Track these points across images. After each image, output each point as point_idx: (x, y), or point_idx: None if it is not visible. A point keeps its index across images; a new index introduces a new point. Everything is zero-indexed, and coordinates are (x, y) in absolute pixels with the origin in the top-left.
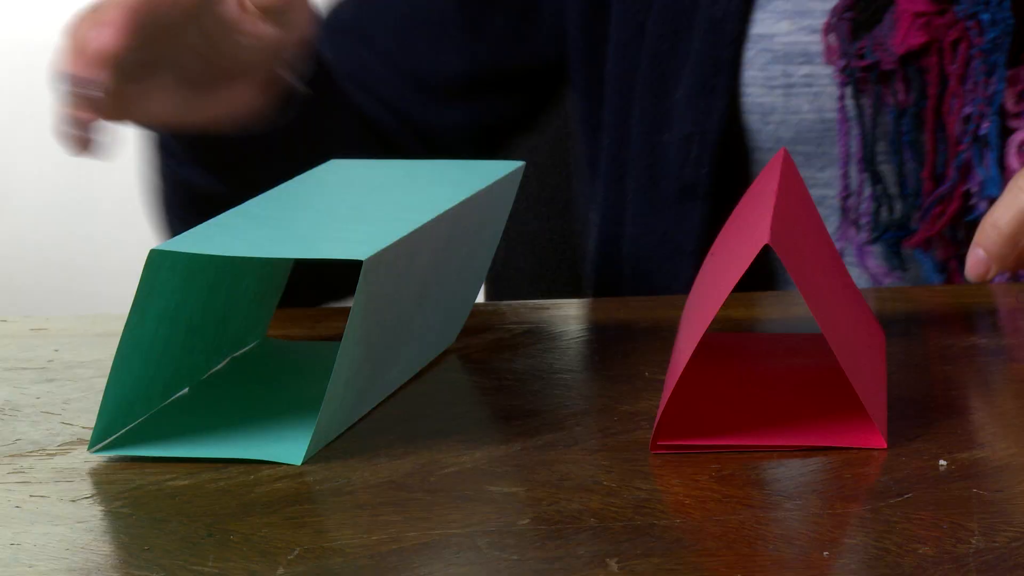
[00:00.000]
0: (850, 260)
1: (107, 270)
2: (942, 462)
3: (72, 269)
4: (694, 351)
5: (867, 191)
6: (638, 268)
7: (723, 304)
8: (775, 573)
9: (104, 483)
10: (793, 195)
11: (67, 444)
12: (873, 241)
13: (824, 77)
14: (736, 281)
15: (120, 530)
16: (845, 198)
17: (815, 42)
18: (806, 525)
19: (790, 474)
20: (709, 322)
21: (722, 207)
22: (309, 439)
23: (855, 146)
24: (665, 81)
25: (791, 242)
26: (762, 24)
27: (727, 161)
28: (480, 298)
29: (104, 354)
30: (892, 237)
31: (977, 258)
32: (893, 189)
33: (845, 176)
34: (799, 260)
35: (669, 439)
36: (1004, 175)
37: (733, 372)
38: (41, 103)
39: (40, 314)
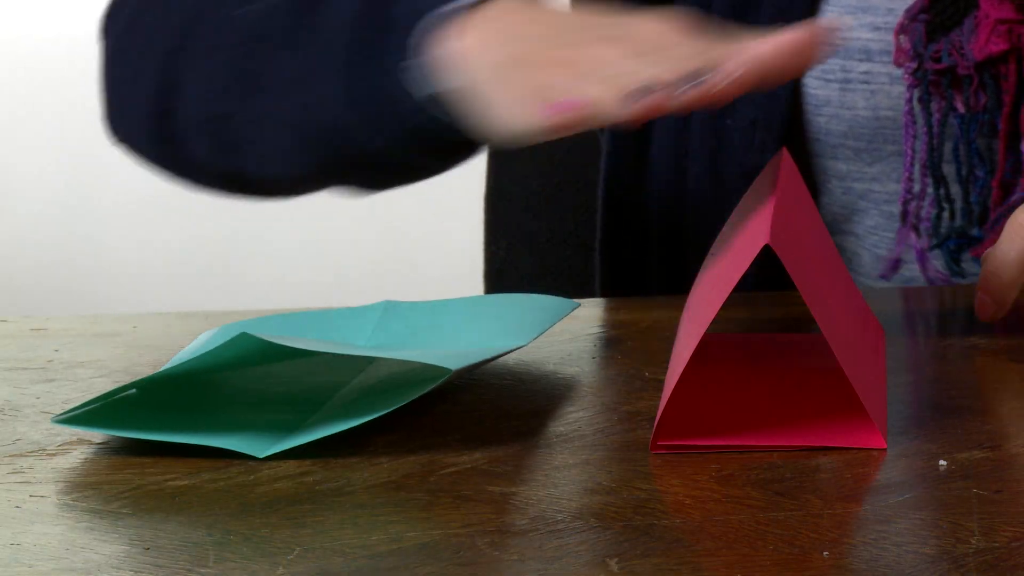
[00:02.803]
0: (910, 264)
1: (107, 270)
2: (942, 462)
3: (72, 269)
4: (694, 351)
5: (929, 195)
6: (701, 255)
7: (723, 304)
8: (775, 573)
9: (104, 483)
10: (793, 195)
11: (67, 444)
12: (935, 247)
13: (882, 75)
14: (736, 281)
15: (120, 530)
16: (906, 202)
17: (876, 40)
18: (806, 525)
19: (790, 474)
20: (709, 322)
21: None
22: (280, 434)
23: (920, 149)
24: None
25: (791, 242)
26: (825, 17)
27: (788, 148)
28: None
29: (104, 354)
30: (955, 244)
31: (983, 303)
32: (956, 195)
33: (909, 179)
34: (799, 260)
35: (669, 439)
36: None
37: (733, 372)
38: (41, 103)
39: (40, 314)
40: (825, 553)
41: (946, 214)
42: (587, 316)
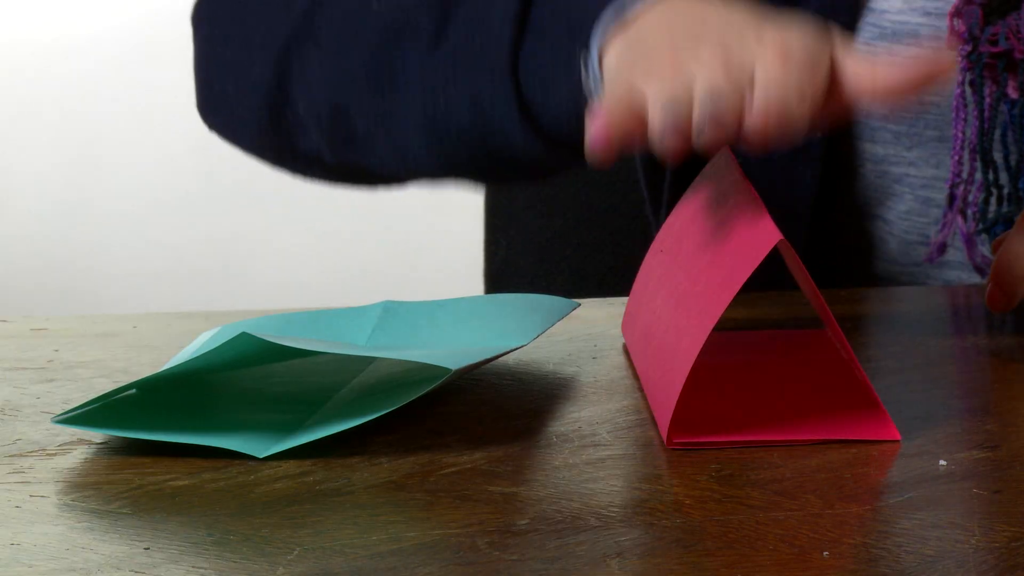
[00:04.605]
0: (956, 249)
1: (107, 270)
2: (942, 462)
3: (72, 269)
4: (702, 349)
5: (977, 180)
6: None
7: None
8: (775, 573)
9: (104, 483)
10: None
11: (67, 444)
12: (981, 232)
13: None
14: (743, 281)
15: (120, 530)
16: (954, 185)
17: (925, 24)
18: (806, 525)
19: (790, 474)
20: (715, 320)
21: (831, 170)
22: (279, 434)
23: (970, 133)
24: None
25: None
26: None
27: (828, 129)
28: None
29: (104, 354)
30: (1002, 229)
31: (994, 294)
32: (1004, 180)
33: (958, 163)
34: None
35: (684, 435)
36: None
37: (740, 369)
38: (41, 103)
39: (40, 314)
40: (825, 553)
41: (993, 199)
42: (587, 316)
